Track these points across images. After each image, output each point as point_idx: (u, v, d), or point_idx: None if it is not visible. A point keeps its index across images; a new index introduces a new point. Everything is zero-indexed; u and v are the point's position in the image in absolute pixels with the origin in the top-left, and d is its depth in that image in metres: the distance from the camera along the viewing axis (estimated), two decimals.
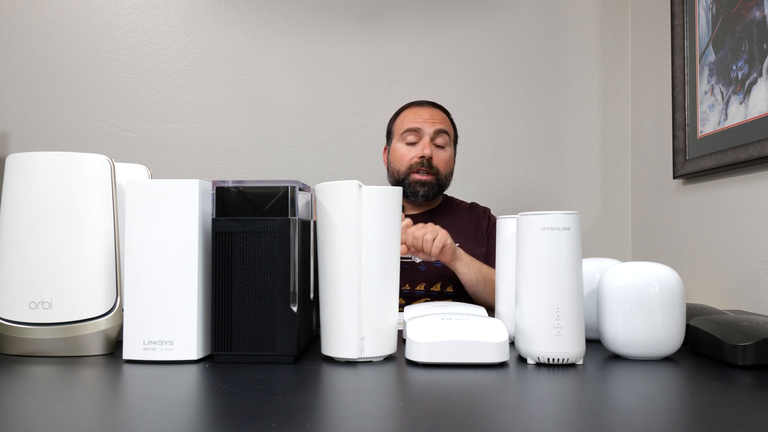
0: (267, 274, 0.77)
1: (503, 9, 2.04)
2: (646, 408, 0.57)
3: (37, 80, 1.95)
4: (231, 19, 1.99)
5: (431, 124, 1.57)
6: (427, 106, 1.62)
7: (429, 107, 1.61)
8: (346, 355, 0.77)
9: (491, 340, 0.76)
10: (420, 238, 1.29)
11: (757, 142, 1.30)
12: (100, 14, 1.97)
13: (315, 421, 0.53)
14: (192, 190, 0.79)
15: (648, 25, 1.91)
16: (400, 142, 1.59)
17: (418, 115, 1.59)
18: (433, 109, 1.61)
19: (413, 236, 1.29)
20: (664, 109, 1.78)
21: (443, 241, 1.31)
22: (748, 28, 1.35)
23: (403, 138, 1.58)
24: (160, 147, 1.96)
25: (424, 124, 1.57)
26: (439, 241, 1.30)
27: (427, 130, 1.56)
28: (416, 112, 1.60)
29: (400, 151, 1.59)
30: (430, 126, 1.56)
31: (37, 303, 0.82)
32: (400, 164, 1.58)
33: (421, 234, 1.29)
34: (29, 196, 0.83)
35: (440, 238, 1.31)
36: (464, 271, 1.39)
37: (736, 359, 0.75)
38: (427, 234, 1.29)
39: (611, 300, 0.82)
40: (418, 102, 1.65)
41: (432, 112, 1.60)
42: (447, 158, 1.58)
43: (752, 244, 1.36)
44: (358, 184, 0.77)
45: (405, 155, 1.57)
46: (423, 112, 1.59)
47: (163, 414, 0.56)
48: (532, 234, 0.78)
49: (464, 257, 1.40)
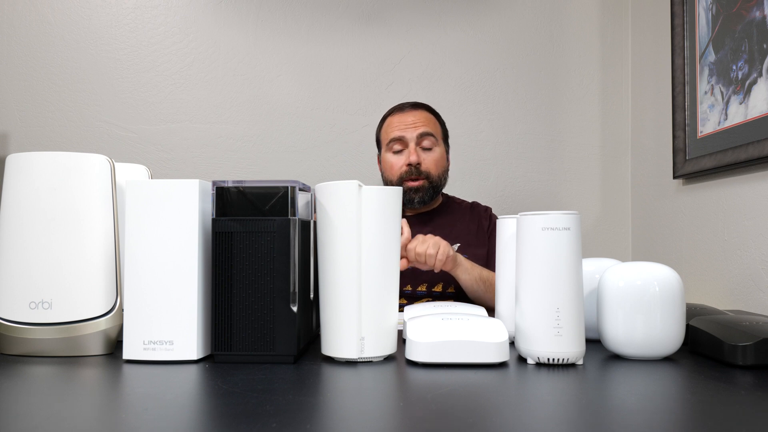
0: (267, 274, 0.77)
1: (503, 9, 2.04)
2: (646, 408, 0.57)
3: (37, 80, 1.95)
4: (231, 19, 1.99)
5: (413, 129, 1.55)
6: (409, 110, 1.59)
7: (411, 111, 1.59)
8: (346, 355, 0.77)
9: (491, 340, 0.76)
10: (423, 254, 1.29)
11: (757, 142, 1.30)
12: (100, 14, 1.97)
13: (315, 421, 0.53)
14: (192, 190, 0.79)
15: (648, 25, 1.91)
16: (387, 152, 1.59)
17: (401, 121, 1.57)
18: (416, 111, 1.59)
19: (415, 252, 1.29)
20: (664, 109, 1.78)
21: (445, 254, 1.31)
22: (748, 28, 1.35)
23: (390, 148, 1.57)
24: (160, 147, 1.96)
25: (406, 130, 1.55)
26: (442, 255, 1.30)
27: (411, 136, 1.54)
28: (399, 118, 1.58)
29: (389, 161, 1.58)
30: (412, 131, 1.55)
31: (37, 303, 0.82)
32: (391, 174, 1.58)
33: (423, 250, 1.29)
34: (29, 196, 0.83)
35: (442, 251, 1.30)
36: (464, 277, 1.40)
37: (736, 359, 0.75)
38: (429, 249, 1.29)
39: (611, 300, 0.82)
40: (399, 107, 1.62)
41: (414, 115, 1.57)
42: (437, 158, 1.57)
43: (752, 244, 1.36)
44: (358, 184, 0.77)
45: (394, 164, 1.57)
46: (405, 117, 1.57)
47: (163, 414, 0.56)
48: (532, 234, 0.78)
49: (464, 263, 1.40)
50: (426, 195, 1.56)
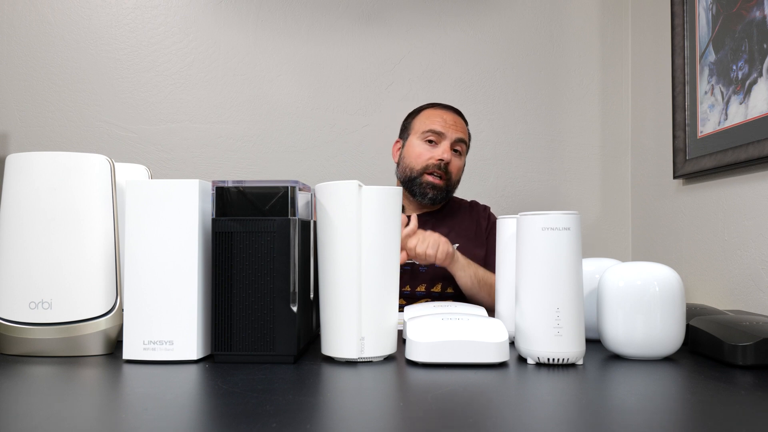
0: (267, 274, 0.77)
1: (503, 9, 2.04)
2: (646, 408, 0.57)
3: (37, 80, 1.95)
4: (231, 19, 1.99)
5: (454, 130, 1.56)
6: (452, 112, 1.61)
7: (453, 113, 1.61)
8: (346, 355, 0.77)
9: (491, 340, 0.76)
10: (422, 254, 1.34)
11: (757, 142, 1.30)
12: (100, 14, 1.97)
13: (315, 421, 0.53)
14: (192, 190, 0.79)
15: (648, 25, 1.91)
16: (419, 139, 1.58)
17: (443, 118, 1.58)
18: (457, 116, 1.61)
19: (415, 252, 1.34)
20: (664, 109, 1.78)
21: (444, 252, 1.36)
22: (748, 28, 1.35)
23: (424, 137, 1.57)
24: (160, 147, 1.96)
25: (448, 129, 1.56)
26: (441, 254, 1.35)
27: (450, 136, 1.56)
28: (441, 115, 1.59)
29: (417, 149, 1.57)
30: (453, 132, 1.56)
31: (37, 303, 0.82)
32: (416, 162, 1.56)
33: (423, 250, 1.34)
34: (29, 196, 0.83)
35: (441, 250, 1.35)
36: (460, 274, 1.42)
37: (736, 359, 0.75)
38: (429, 249, 1.34)
39: (611, 300, 0.82)
40: (443, 105, 1.64)
41: (456, 119, 1.60)
42: (460, 167, 1.60)
43: (752, 244, 1.36)
44: (358, 184, 0.77)
45: (422, 154, 1.56)
46: (447, 116, 1.59)
47: (163, 414, 0.56)
48: (532, 234, 0.78)
49: (460, 260, 1.41)
50: (440, 195, 1.57)
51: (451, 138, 1.56)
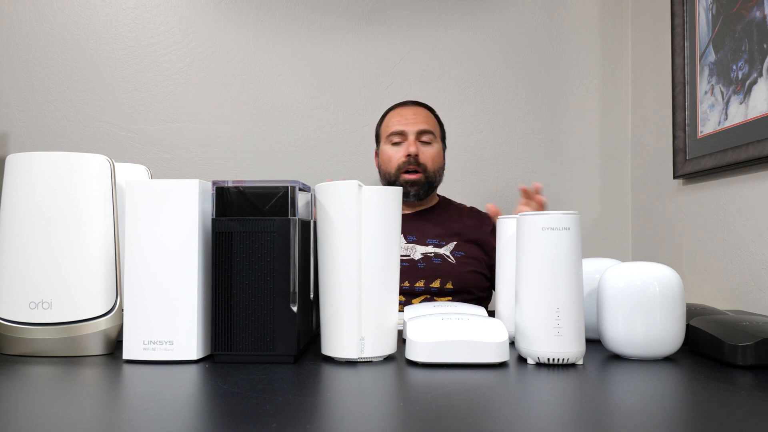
0: (267, 274, 0.77)
1: (503, 9, 2.04)
2: (646, 408, 0.57)
3: (37, 80, 1.95)
4: (231, 19, 1.99)
5: (414, 123, 1.60)
6: (410, 106, 1.65)
7: (412, 107, 1.65)
8: (346, 355, 0.77)
9: (491, 340, 0.76)
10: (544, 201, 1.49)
11: (757, 142, 1.30)
12: (100, 14, 1.97)
13: (315, 421, 0.53)
14: (192, 190, 0.79)
15: (648, 25, 1.91)
16: (386, 144, 1.63)
17: (402, 116, 1.62)
18: (416, 108, 1.65)
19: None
20: (664, 109, 1.78)
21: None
22: (748, 28, 1.35)
23: (389, 140, 1.62)
24: (160, 147, 1.96)
25: (407, 125, 1.60)
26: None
27: (411, 130, 1.60)
28: (399, 113, 1.64)
29: (387, 152, 1.62)
30: (413, 126, 1.60)
31: (37, 303, 0.82)
32: (389, 166, 1.61)
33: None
34: (29, 196, 0.83)
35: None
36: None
37: (736, 359, 0.75)
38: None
39: (611, 300, 0.82)
40: (401, 103, 1.68)
41: (415, 111, 1.63)
42: (434, 154, 1.61)
43: (752, 244, 1.36)
44: (358, 184, 0.77)
45: (392, 156, 1.61)
46: (406, 112, 1.63)
47: (163, 414, 0.56)
48: (532, 234, 0.78)
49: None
50: (422, 189, 1.59)
51: (413, 131, 1.59)
